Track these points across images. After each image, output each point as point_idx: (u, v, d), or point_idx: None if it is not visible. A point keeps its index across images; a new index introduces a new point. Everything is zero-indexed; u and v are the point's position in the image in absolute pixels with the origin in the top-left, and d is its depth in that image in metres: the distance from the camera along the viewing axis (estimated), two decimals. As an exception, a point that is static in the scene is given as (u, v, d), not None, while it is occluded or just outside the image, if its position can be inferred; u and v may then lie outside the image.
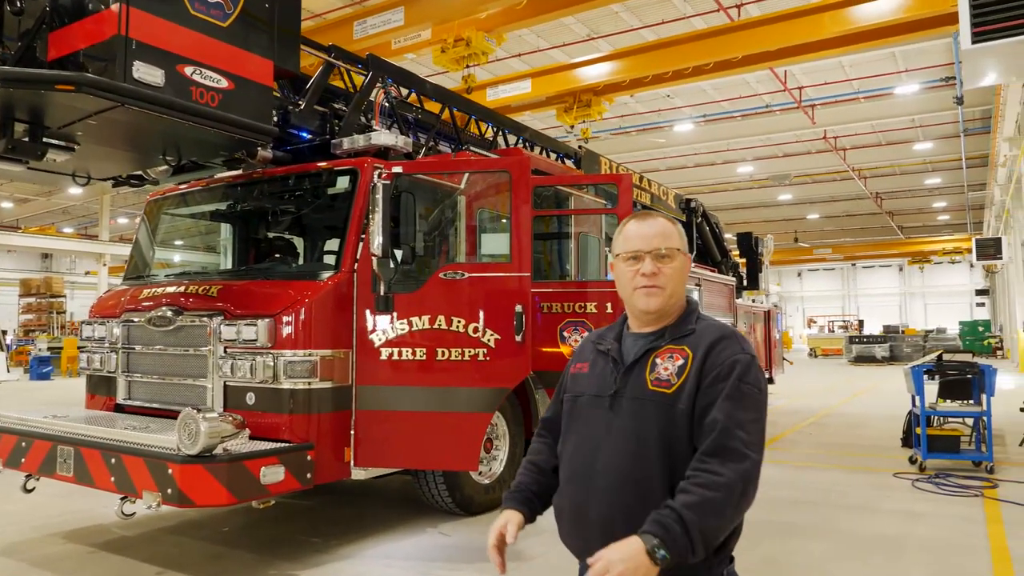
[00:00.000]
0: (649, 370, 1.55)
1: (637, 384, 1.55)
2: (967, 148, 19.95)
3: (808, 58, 11.76)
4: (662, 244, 1.60)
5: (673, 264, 1.60)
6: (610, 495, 1.51)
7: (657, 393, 1.52)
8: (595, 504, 1.53)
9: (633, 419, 1.53)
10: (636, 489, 1.49)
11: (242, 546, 4.39)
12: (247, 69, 3.71)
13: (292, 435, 3.96)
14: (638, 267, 1.60)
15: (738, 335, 1.59)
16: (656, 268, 1.58)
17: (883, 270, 43.04)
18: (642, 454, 1.50)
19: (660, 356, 1.56)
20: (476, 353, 4.17)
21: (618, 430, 1.54)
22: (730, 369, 1.49)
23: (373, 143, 4.52)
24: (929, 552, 4.15)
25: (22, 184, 25.95)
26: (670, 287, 1.58)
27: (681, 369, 1.52)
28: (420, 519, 4.82)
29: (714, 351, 1.52)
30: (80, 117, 3.35)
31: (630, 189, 5.24)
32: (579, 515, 1.57)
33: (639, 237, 1.62)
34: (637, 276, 1.60)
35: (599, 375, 1.62)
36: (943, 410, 6.41)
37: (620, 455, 1.52)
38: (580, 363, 1.71)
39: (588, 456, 1.57)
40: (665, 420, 1.50)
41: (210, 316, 4.21)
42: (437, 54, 10.46)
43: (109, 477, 3.80)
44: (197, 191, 5.23)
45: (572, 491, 1.60)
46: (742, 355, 1.52)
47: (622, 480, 1.50)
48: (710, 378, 1.49)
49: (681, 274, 1.61)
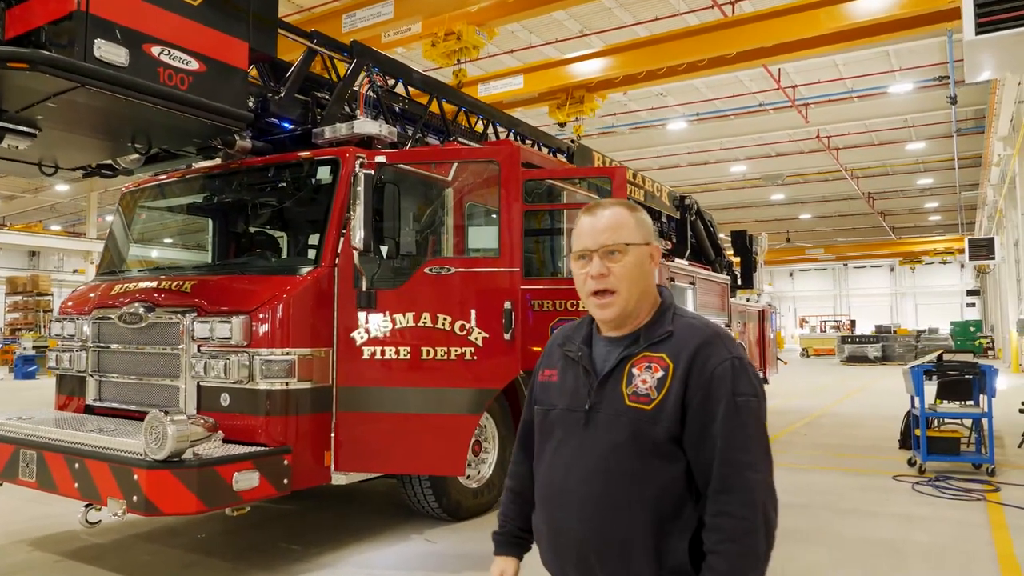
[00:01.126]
0: (625, 382, 1.39)
1: (612, 398, 1.40)
2: (959, 148, 19.94)
3: (803, 55, 11.64)
4: (611, 239, 1.40)
5: (625, 260, 1.40)
6: (584, 517, 1.39)
7: (634, 409, 1.37)
8: (569, 526, 1.41)
9: (608, 437, 1.38)
10: (611, 511, 1.36)
11: (218, 554, 4.19)
12: (220, 51, 3.50)
13: (268, 438, 3.76)
14: (587, 270, 1.42)
15: (721, 334, 1.41)
16: (605, 268, 1.40)
17: (874, 270, 43.18)
18: (617, 473, 1.36)
19: (637, 366, 1.40)
20: (463, 352, 3.98)
21: (592, 449, 1.40)
22: (720, 382, 1.33)
23: (356, 132, 4.33)
24: (933, 560, 4.00)
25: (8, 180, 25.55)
26: (624, 288, 1.40)
27: (660, 382, 1.36)
28: (405, 525, 4.63)
29: (698, 360, 1.35)
30: (39, 99, 3.14)
31: (624, 183, 5.09)
32: (555, 537, 1.45)
33: (587, 233, 1.44)
34: (588, 280, 1.42)
35: (571, 387, 1.46)
36: (943, 411, 6.28)
37: (594, 474, 1.39)
38: (548, 369, 1.55)
39: (561, 476, 1.44)
40: (643, 437, 1.35)
41: (183, 313, 4.01)
42: (427, 48, 10.27)
43: (72, 483, 3.60)
44: (173, 183, 5.02)
45: (547, 513, 1.48)
46: (730, 360, 1.36)
47: (596, 502, 1.38)
48: (699, 397, 1.34)
49: (638, 270, 1.41)
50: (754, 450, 1.31)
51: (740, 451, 1.30)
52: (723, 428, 1.31)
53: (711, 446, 1.31)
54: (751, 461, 1.30)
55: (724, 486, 1.29)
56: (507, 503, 1.64)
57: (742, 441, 1.30)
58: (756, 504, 1.29)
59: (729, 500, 1.29)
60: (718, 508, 1.29)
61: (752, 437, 1.32)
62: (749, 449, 1.31)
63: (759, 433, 1.33)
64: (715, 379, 1.33)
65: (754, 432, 1.32)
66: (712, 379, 1.33)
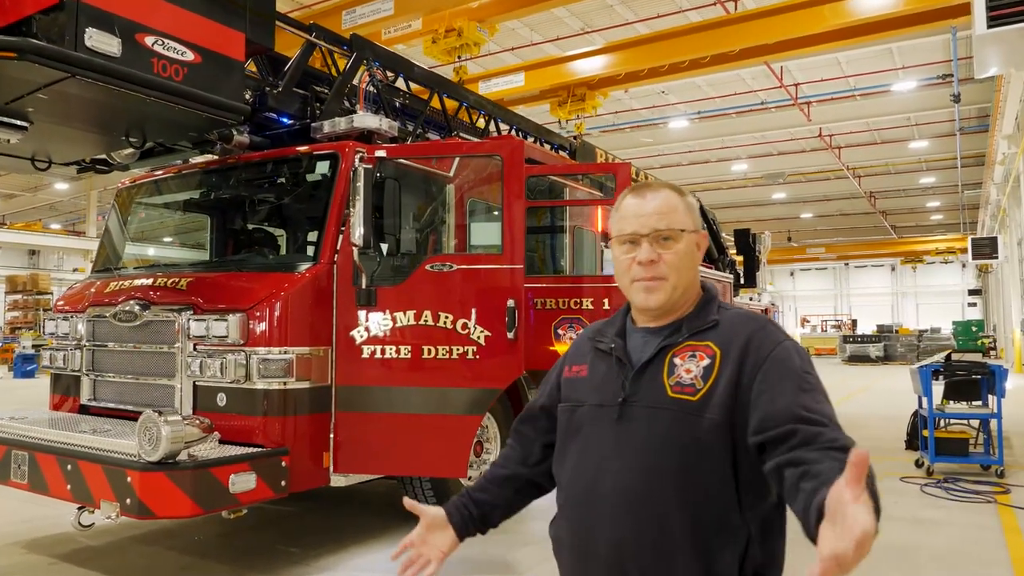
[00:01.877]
0: (667, 372, 1.27)
1: (652, 390, 1.27)
2: (962, 147, 19.85)
3: (806, 52, 11.56)
4: (663, 223, 1.30)
5: (677, 248, 1.31)
6: (619, 523, 1.25)
7: (678, 400, 1.24)
8: (601, 534, 1.27)
9: (647, 432, 1.25)
10: (651, 515, 1.23)
11: (215, 557, 4.11)
12: (216, 41, 3.41)
13: (266, 439, 3.68)
14: (635, 255, 1.32)
15: (772, 322, 1.32)
16: (655, 254, 1.30)
17: (875, 270, 43.06)
18: (658, 472, 1.23)
19: (679, 355, 1.28)
20: (465, 351, 3.89)
21: (628, 445, 1.27)
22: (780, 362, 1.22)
23: (355, 126, 4.23)
24: (947, 565, 3.92)
25: (8, 179, 25.48)
26: (674, 277, 1.30)
27: (707, 371, 1.24)
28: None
29: (752, 345, 1.24)
30: (29, 90, 3.05)
31: (628, 179, 4.98)
32: (582, 547, 1.31)
33: (634, 216, 1.33)
34: (634, 266, 1.32)
35: (602, 380, 1.34)
36: (951, 412, 6.19)
37: (631, 474, 1.25)
38: (576, 365, 1.42)
39: (591, 478, 1.30)
40: (688, 433, 1.22)
41: (179, 311, 3.92)
42: (428, 45, 10.17)
43: (65, 485, 3.52)
44: (170, 178, 4.93)
45: (573, 519, 1.33)
46: (786, 342, 1.25)
47: (634, 504, 1.24)
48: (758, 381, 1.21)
49: (689, 259, 1.32)
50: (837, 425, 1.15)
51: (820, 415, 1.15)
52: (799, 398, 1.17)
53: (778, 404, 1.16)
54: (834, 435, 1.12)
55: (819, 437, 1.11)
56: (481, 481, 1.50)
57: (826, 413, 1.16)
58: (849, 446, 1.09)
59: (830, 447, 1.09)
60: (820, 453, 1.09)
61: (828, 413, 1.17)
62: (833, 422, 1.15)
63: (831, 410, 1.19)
64: (775, 360, 1.22)
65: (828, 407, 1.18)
66: (772, 361, 1.22)
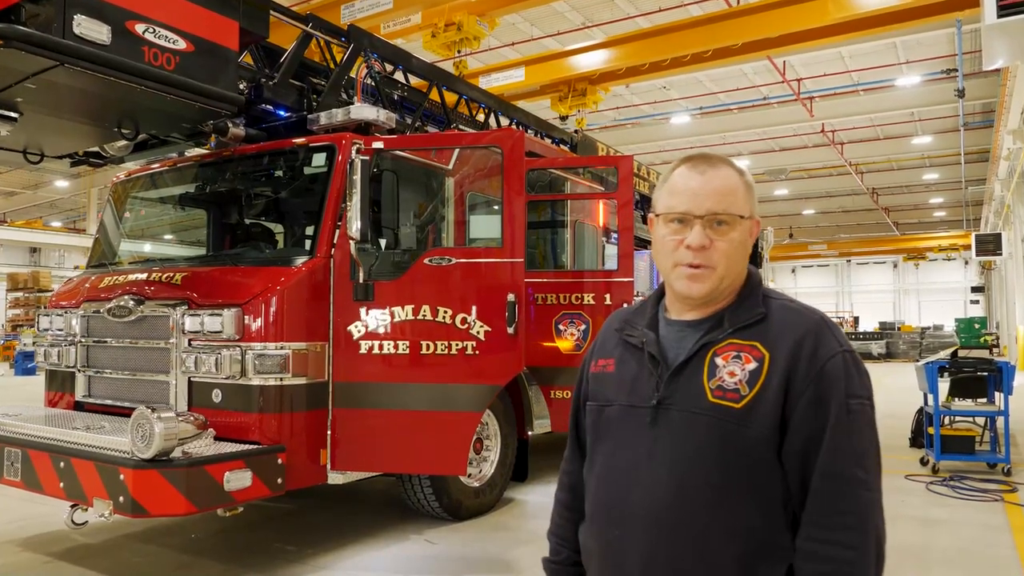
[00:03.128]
0: (707, 374, 1.15)
1: (691, 393, 1.15)
2: (966, 142, 19.73)
3: (809, 46, 11.45)
4: (721, 206, 1.16)
5: (732, 236, 1.16)
6: (653, 543, 1.14)
7: (720, 407, 1.12)
8: (632, 550, 1.16)
9: (684, 440, 1.14)
10: (686, 536, 1.12)
11: (211, 555, 4.05)
12: (209, 30, 3.34)
13: (262, 436, 3.62)
14: (683, 236, 1.17)
15: (828, 321, 1.17)
16: (707, 240, 1.15)
17: (878, 267, 42.91)
18: (696, 489, 1.12)
19: (721, 355, 1.15)
20: (464, 346, 3.83)
21: (662, 454, 1.15)
22: (832, 380, 1.10)
23: (353, 118, 4.16)
24: (956, 565, 3.85)
25: (8, 176, 25.42)
26: (723, 267, 1.16)
27: (754, 376, 1.11)
28: (405, 525, 4.49)
29: (804, 351, 1.11)
30: (16, 80, 2.98)
31: (631, 173, 4.92)
32: (611, 562, 1.20)
33: (688, 193, 1.17)
34: (680, 248, 1.17)
35: (633, 378, 1.22)
36: (958, 409, 6.11)
37: (664, 488, 1.13)
38: (603, 359, 1.29)
39: (621, 487, 1.19)
40: (730, 444, 1.11)
41: (173, 306, 3.85)
42: (428, 39, 10.09)
43: (58, 482, 3.46)
44: (165, 172, 4.86)
45: (600, 530, 1.22)
46: (842, 354, 1.12)
47: (667, 521, 1.13)
48: (806, 397, 1.10)
49: (742, 248, 1.18)
50: (868, 464, 1.09)
51: (853, 465, 1.08)
52: (833, 437, 1.08)
53: (816, 457, 1.08)
54: (865, 478, 1.08)
55: (833, 507, 1.07)
56: (558, 519, 1.36)
57: (856, 453, 1.09)
58: (869, 530, 1.07)
59: (839, 524, 1.06)
60: (824, 534, 1.07)
61: (867, 450, 1.10)
62: (863, 464, 1.09)
63: (873, 444, 1.12)
64: (826, 376, 1.10)
65: (869, 443, 1.11)
66: (823, 376, 1.10)
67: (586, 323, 4.68)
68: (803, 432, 1.10)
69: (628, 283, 4.69)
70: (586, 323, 4.68)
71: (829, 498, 1.08)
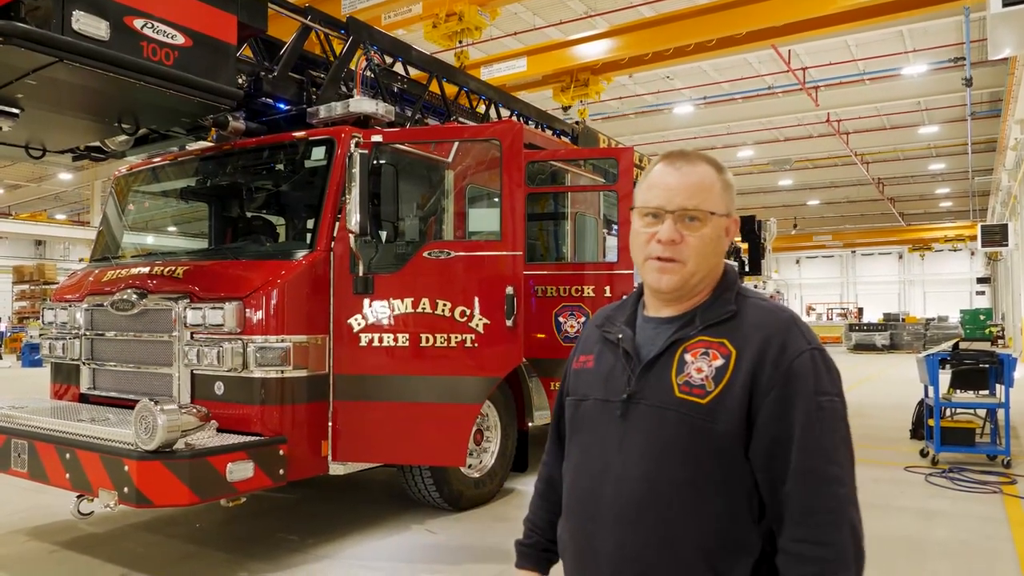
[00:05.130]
0: (676, 370, 1.17)
1: (659, 387, 1.18)
2: (973, 132, 19.56)
3: (815, 34, 11.34)
4: (692, 202, 1.18)
5: (704, 232, 1.19)
6: (621, 533, 1.17)
7: (686, 402, 1.15)
8: (603, 543, 1.19)
9: (652, 434, 1.16)
10: (655, 527, 1.15)
11: (215, 544, 4.11)
12: (207, 24, 3.34)
13: (263, 428, 3.66)
14: (655, 230, 1.20)
15: (797, 320, 1.19)
16: (678, 235, 1.18)
17: (883, 258, 42.72)
18: (664, 483, 1.15)
19: (691, 351, 1.18)
20: (464, 339, 3.85)
21: (631, 448, 1.18)
22: (799, 379, 1.12)
23: (352, 111, 4.17)
24: (953, 557, 3.86)
25: (12, 169, 25.50)
26: (693, 263, 1.19)
27: (720, 372, 1.14)
28: (406, 515, 4.54)
29: (771, 350, 1.13)
30: (16, 76, 3.00)
31: (631, 165, 4.91)
32: (583, 555, 1.23)
33: (663, 188, 1.21)
34: (652, 242, 1.20)
35: (607, 373, 1.25)
36: (959, 401, 6.11)
37: (633, 481, 1.17)
38: (584, 355, 1.33)
39: (593, 480, 1.22)
40: (695, 439, 1.14)
41: (175, 299, 3.89)
42: (428, 30, 10.04)
43: (64, 473, 3.52)
44: (166, 166, 4.89)
45: (575, 524, 1.26)
46: (810, 352, 1.14)
47: (636, 513, 1.16)
48: (772, 396, 1.11)
49: (714, 245, 1.20)
50: (841, 461, 1.11)
51: (825, 462, 1.10)
52: (804, 435, 1.09)
53: (788, 456, 1.10)
54: (838, 475, 1.10)
55: (808, 506, 1.09)
56: (534, 507, 1.43)
57: (827, 451, 1.10)
58: (845, 526, 1.09)
59: (815, 523, 1.08)
60: (802, 533, 1.09)
61: (838, 446, 1.12)
62: (835, 460, 1.10)
63: (844, 439, 1.14)
64: (793, 375, 1.11)
65: (840, 439, 1.12)
66: (790, 374, 1.11)
67: (586, 315, 4.70)
68: (771, 429, 1.11)
69: (628, 275, 4.69)
70: (586, 315, 4.70)
71: (803, 497, 1.09)
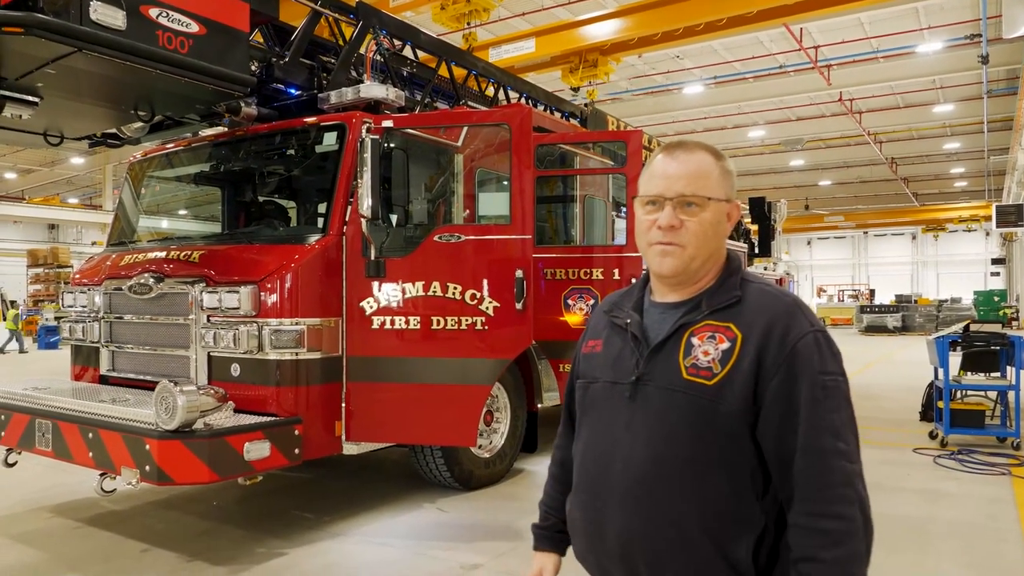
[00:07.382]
0: (683, 353, 1.22)
1: (666, 370, 1.22)
2: (989, 110, 19.24)
3: (827, 12, 11.15)
4: (690, 188, 1.23)
5: (702, 216, 1.23)
6: (629, 513, 1.22)
7: (693, 384, 1.19)
8: (611, 520, 1.24)
9: (660, 415, 1.21)
10: (661, 504, 1.19)
11: (232, 521, 4.23)
12: (220, 12, 3.38)
13: (279, 408, 3.75)
14: (655, 217, 1.25)
15: (801, 304, 1.23)
16: (677, 220, 1.23)
17: (896, 238, 42.29)
18: (670, 462, 1.19)
19: (697, 335, 1.22)
20: (474, 322, 3.91)
21: (639, 428, 1.23)
22: (803, 360, 1.16)
23: (362, 96, 4.20)
24: (959, 538, 3.90)
25: (25, 154, 25.71)
26: (693, 247, 1.24)
27: (726, 355, 1.18)
28: (417, 494, 4.64)
29: (775, 333, 1.18)
30: (37, 66, 3.06)
31: (640, 148, 4.92)
32: (593, 531, 1.28)
33: (662, 176, 1.26)
34: (653, 228, 1.26)
35: (616, 356, 1.30)
36: (969, 383, 6.12)
37: (641, 460, 1.21)
38: (593, 340, 1.39)
39: (602, 459, 1.27)
40: (702, 419, 1.18)
41: (192, 283, 3.97)
42: (436, 12, 10.01)
43: (87, 452, 3.63)
44: (181, 151, 4.95)
45: (584, 501, 1.31)
46: (813, 334, 1.18)
47: (643, 491, 1.21)
48: (778, 377, 1.16)
49: (713, 229, 1.25)
50: (847, 437, 1.15)
51: (834, 439, 1.14)
52: (811, 413, 1.14)
53: (795, 434, 1.14)
54: (845, 450, 1.14)
55: (818, 481, 1.13)
56: (549, 490, 1.48)
57: (834, 428, 1.14)
58: (854, 500, 1.13)
59: (825, 497, 1.12)
60: (813, 508, 1.13)
61: (844, 423, 1.16)
62: (842, 436, 1.15)
63: (849, 417, 1.18)
64: (797, 355, 1.15)
65: (845, 417, 1.17)
66: (794, 355, 1.15)
67: (595, 298, 4.74)
68: (777, 409, 1.16)
69: (637, 258, 4.72)
70: (595, 298, 4.74)
71: (813, 474, 1.13)
